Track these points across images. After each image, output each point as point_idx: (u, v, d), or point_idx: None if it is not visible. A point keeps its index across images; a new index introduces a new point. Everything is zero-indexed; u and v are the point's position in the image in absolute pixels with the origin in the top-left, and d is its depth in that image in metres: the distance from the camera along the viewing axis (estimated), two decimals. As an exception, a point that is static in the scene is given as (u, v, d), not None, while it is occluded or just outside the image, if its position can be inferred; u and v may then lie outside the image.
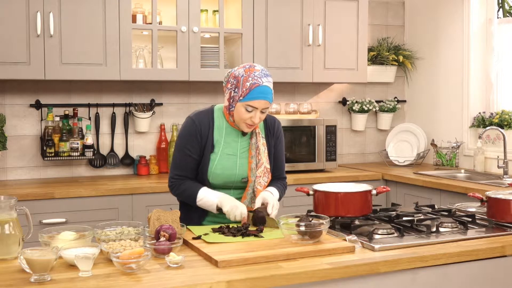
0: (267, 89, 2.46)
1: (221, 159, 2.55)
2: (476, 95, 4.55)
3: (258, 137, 2.58)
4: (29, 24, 3.59)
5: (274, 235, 2.24)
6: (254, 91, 2.43)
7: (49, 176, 4.04)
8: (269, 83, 2.48)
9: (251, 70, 2.47)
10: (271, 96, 2.49)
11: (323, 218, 2.24)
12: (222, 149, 2.56)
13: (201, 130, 2.54)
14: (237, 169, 2.57)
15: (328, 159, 4.36)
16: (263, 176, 2.57)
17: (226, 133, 2.58)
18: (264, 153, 2.58)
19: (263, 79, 2.46)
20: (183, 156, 2.56)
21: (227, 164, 2.55)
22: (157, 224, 2.19)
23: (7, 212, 2.03)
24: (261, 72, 2.48)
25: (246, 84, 2.44)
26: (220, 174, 2.55)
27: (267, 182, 2.59)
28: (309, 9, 4.30)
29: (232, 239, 2.19)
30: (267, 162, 2.58)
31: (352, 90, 4.95)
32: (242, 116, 2.47)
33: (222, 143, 2.56)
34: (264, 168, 2.57)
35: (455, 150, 4.52)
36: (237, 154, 2.58)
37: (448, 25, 4.70)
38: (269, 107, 2.50)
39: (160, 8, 4.05)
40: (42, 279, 1.76)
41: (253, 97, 2.43)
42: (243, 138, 2.60)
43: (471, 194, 2.74)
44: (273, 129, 2.67)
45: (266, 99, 2.46)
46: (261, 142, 2.58)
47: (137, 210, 3.64)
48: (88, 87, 4.12)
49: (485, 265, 2.19)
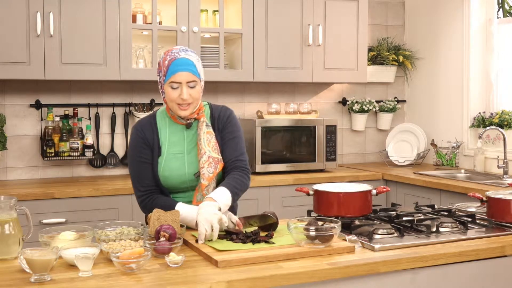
0: (186, 61, 2.35)
1: (167, 160, 2.44)
2: (476, 95, 4.55)
3: (201, 126, 2.44)
4: (29, 24, 3.59)
5: (285, 241, 2.16)
6: (172, 65, 2.34)
7: (49, 176, 4.04)
8: (189, 56, 2.38)
9: (169, 50, 2.40)
10: (194, 68, 2.37)
11: (334, 221, 2.18)
12: (168, 150, 2.45)
13: (145, 136, 2.45)
14: (186, 167, 2.45)
15: (328, 159, 4.36)
16: (208, 167, 2.40)
17: (170, 132, 2.48)
18: (208, 142, 2.42)
19: (181, 53, 2.37)
20: (139, 165, 2.44)
21: (174, 165, 2.44)
22: (157, 224, 2.19)
23: (7, 212, 2.03)
24: (179, 49, 2.40)
25: (165, 63, 2.37)
26: (168, 176, 2.44)
27: (214, 173, 2.41)
28: (309, 9, 4.30)
29: (242, 246, 2.10)
30: (212, 151, 2.42)
31: (352, 90, 4.95)
32: (171, 96, 2.36)
33: (167, 144, 2.46)
34: (208, 157, 2.40)
35: (455, 150, 4.52)
36: (185, 151, 2.46)
37: (448, 25, 4.70)
38: (195, 81, 2.37)
39: (160, 8, 4.05)
40: (42, 279, 1.76)
41: (172, 71, 2.34)
42: (189, 132, 2.47)
43: (471, 194, 2.73)
44: (218, 117, 2.51)
45: (187, 71, 2.34)
46: (204, 130, 2.43)
47: (137, 210, 3.63)
48: (88, 87, 4.12)
49: (485, 265, 2.19)
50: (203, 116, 2.46)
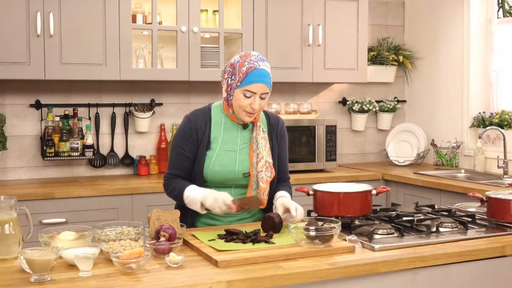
0: (264, 73, 2.39)
1: (219, 155, 2.48)
2: (476, 95, 4.55)
3: (258, 130, 2.50)
4: (29, 24, 3.59)
5: (285, 241, 2.16)
6: (251, 74, 2.37)
7: (49, 176, 4.04)
8: (266, 67, 2.42)
9: (246, 56, 2.42)
10: (269, 81, 2.42)
11: (334, 221, 2.18)
12: (221, 146, 2.49)
13: (196, 128, 2.48)
14: (237, 165, 2.48)
15: (328, 159, 4.36)
16: (265, 171, 2.47)
17: (225, 129, 2.51)
18: (265, 147, 2.49)
19: (260, 63, 2.39)
20: (177, 155, 2.51)
21: (225, 161, 2.48)
22: (157, 224, 2.19)
23: (7, 212, 2.03)
24: (257, 56, 2.42)
25: (242, 69, 2.38)
26: (218, 171, 2.47)
27: (271, 178, 2.49)
28: (309, 9, 4.30)
29: (242, 246, 2.10)
30: (268, 156, 2.49)
31: (352, 90, 4.95)
32: (241, 103, 2.40)
33: (220, 140, 2.50)
34: (266, 162, 2.47)
35: (455, 150, 4.52)
36: (237, 149, 2.50)
37: (448, 25, 4.70)
38: (268, 93, 2.42)
39: (160, 8, 4.05)
40: (42, 279, 1.76)
41: (250, 81, 2.37)
42: (243, 133, 2.52)
43: (471, 194, 2.74)
44: (276, 127, 2.60)
45: (264, 83, 2.38)
46: (261, 136, 2.50)
47: (137, 210, 3.64)
48: (88, 87, 4.12)
49: (485, 265, 2.19)
50: (259, 121, 2.52)
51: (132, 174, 4.20)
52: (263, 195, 2.48)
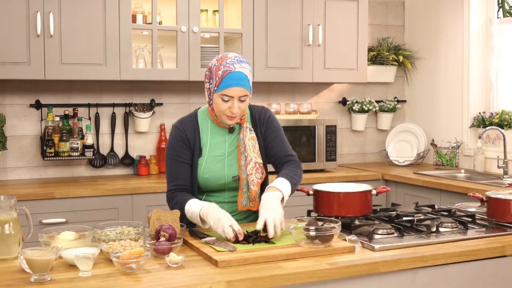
0: (240, 75, 2.32)
1: (208, 162, 2.45)
2: (476, 95, 4.55)
3: (245, 132, 2.44)
4: (29, 24, 3.59)
5: (285, 241, 2.16)
6: (226, 78, 2.31)
7: (49, 176, 4.04)
8: (243, 69, 2.34)
9: (223, 59, 2.36)
10: (247, 83, 2.35)
11: (334, 221, 2.18)
12: (209, 152, 2.46)
13: (187, 136, 2.44)
14: (226, 170, 2.45)
15: (328, 159, 4.36)
16: (255, 173, 2.42)
17: (212, 134, 2.48)
18: (253, 148, 2.43)
19: (236, 65, 2.33)
20: (175, 164, 2.45)
21: (214, 167, 2.44)
22: (157, 224, 2.19)
23: (7, 212, 2.03)
24: (233, 58, 2.35)
25: (218, 73, 2.33)
26: (208, 178, 2.44)
27: (261, 179, 2.45)
28: (309, 9, 4.30)
29: (242, 246, 2.10)
30: (258, 157, 2.44)
31: (352, 90, 4.95)
32: (220, 107, 2.35)
33: (208, 146, 2.46)
34: (255, 164, 2.42)
35: (455, 150, 4.52)
36: (225, 154, 2.46)
37: (448, 25, 4.70)
38: (248, 95, 2.36)
39: (160, 8, 4.05)
40: (42, 279, 1.76)
41: (226, 85, 2.31)
42: (230, 136, 2.48)
43: (471, 194, 2.74)
44: (259, 118, 2.52)
45: (240, 86, 2.32)
46: (248, 137, 2.43)
47: (137, 210, 3.64)
48: (88, 87, 4.12)
49: (485, 265, 2.19)
50: (245, 122, 2.47)
51: (132, 174, 4.20)
52: (255, 198, 2.45)
